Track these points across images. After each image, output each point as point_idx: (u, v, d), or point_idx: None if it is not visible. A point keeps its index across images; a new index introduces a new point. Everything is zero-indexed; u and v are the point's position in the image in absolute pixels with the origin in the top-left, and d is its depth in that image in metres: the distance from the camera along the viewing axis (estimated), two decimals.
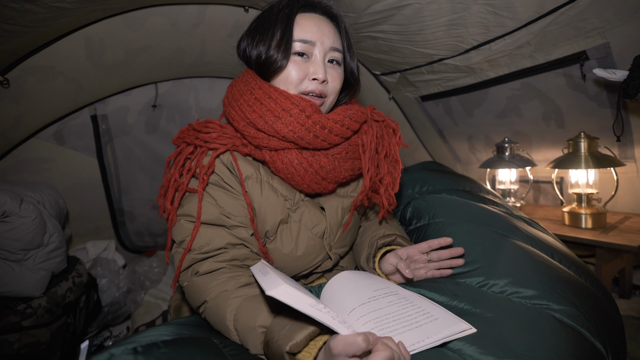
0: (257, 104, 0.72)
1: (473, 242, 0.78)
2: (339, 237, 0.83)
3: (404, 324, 0.57)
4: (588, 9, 1.05)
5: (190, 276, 0.70)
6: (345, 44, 0.80)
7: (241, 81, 0.78)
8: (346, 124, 0.75)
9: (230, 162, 0.74)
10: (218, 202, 0.72)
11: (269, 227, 0.75)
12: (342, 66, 0.80)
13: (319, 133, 0.72)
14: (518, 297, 0.65)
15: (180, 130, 0.80)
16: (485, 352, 0.53)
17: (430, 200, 0.98)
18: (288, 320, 0.54)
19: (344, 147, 0.77)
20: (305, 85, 0.74)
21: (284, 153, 0.73)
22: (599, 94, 1.31)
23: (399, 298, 0.64)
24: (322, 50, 0.75)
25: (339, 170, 0.77)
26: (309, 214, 0.79)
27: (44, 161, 1.69)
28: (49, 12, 1.05)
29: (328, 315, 0.49)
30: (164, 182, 0.76)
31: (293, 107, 0.71)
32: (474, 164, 2.04)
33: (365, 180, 0.78)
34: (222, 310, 0.63)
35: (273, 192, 0.76)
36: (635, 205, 1.52)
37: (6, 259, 1.22)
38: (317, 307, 0.49)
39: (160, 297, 1.74)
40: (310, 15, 0.76)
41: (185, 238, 0.71)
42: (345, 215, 0.83)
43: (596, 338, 0.59)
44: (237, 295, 0.64)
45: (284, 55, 0.72)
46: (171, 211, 0.73)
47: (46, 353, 1.21)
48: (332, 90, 0.77)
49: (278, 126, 0.70)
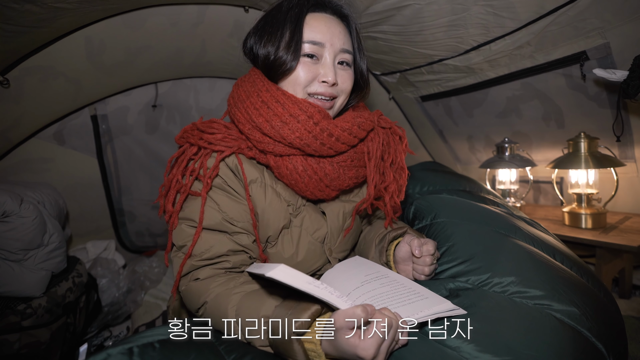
0: (264, 108, 0.70)
1: (475, 241, 0.78)
2: (340, 242, 0.82)
3: (396, 301, 0.60)
4: (588, 9, 1.05)
5: (189, 281, 0.69)
6: (356, 44, 0.79)
7: (247, 81, 0.76)
8: (354, 132, 0.73)
9: (236, 165, 0.72)
10: (221, 208, 0.70)
11: (271, 232, 0.74)
12: (352, 67, 0.78)
13: (325, 141, 0.70)
14: (519, 297, 0.65)
15: (184, 129, 0.78)
16: (484, 350, 0.54)
17: (431, 200, 0.98)
18: (291, 304, 0.55)
19: (350, 154, 0.76)
20: (314, 87, 0.73)
21: (289, 159, 0.72)
22: (599, 94, 1.31)
23: (389, 281, 0.67)
24: (332, 52, 0.73)
25: (343, 178, 0.76)
26: (310, 219, 0.78)
27: (44, 161, 1.69)
28: (49, 12, 1.05)
29: (326, 291, 0.51)
30: (165, 182, 0.75)
31: (301, 114, 0.69)
32: (474, 164, 2.04)
33: (369, 189, 0.78)
34: (224, 307, 0.62)
35: (277, 196, 0.75)
36: (635, 205, 1.52)
37: (6, 259, 1.22)
38: (314, 284, 0.51)
39: (160, 297, 1.74)
40: (320, 16, 0.75)
41: (185, 243, 0.69)
42: (347, 219, 0.82)
43: (597, 338, 0.59)
44: (237, 292, 0.63)
45: (293, 57, 0.71)
46: (172, 214, 0.72)
47: (46, 353, 1.21)
48: (342, 91, 0.76)
49: (285, 132, 0.69)
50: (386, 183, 0.80)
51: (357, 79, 0.81)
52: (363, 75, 0.82)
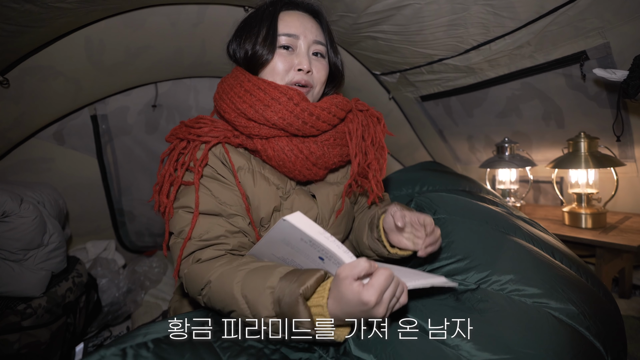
0: (247, 95, 0.76)
1: (474, 239, 0.78)
2: (332, 224, 0.84)
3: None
4: (588, 9, 1.05)
5: (191, 263, 0.70)
6: (328, 38, 0.85)
7: (231, 77, 0.82)
8: (332, 111, 0.78)
9: (223, 154, 0.76)
10: (213, 193, 0.74)
11: (263, 214, 0.77)
12: (326, 59, 0.84)
13: (307, 119, 0.75)
14: (518, 295, 0.65)
15: (173, 129, 0.83)
16: (482, 349, 0.54)
17: (432, 197, 0.98)
18: (296, 273, 0.57)
19: (332, 134, 0.80)
20: (291, 76, 0.78)
21: (275, 141, 0.76)
22: (599, 94, 1.31)
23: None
24: (305, 43, 0.79)
25: (329, 155, 0.79)
26: (300, 202, 0.81)
27: (44, 161, 1.69)
28: (49, 12, 1.05)
29: (335, 244, 0.54)
30: (158, 179, 0.78)
31: (281, 96, 0.74)
32: (474, 164, 2.04)
33: (353, 165, 0.82)
34: (229, 283, 0.62)
35: (265, 181, 0.78)
36: (635, 205, 1.52)
37: (6, 259, 1.22)
38: (324, 235, 0.54)
39: (160, 297, 1.74)
40: (293, 13, 0.81)
41: (184, 228, 0.72)
42: (337, 202, 0.85)
43: (595, 337, 0.59)
44: (242, 269, 0.64)
45: (269, 50, 0.77)
46: (167, 204, 0.75)
47: (46, 353, 1.21)
48: (317, 80, 0.81)
49: (268, 114, 0.73)
50: (369, 161, 0.84)
51: (332, 70, 0.86)
52: (337, 67, 0.87)
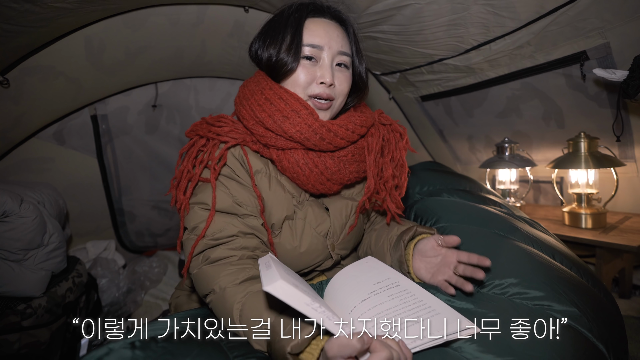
0: (267, 104, 0.74)
1: (474, 244, 0.78)
2: (343, 239, 0.83)
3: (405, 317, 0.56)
4: (588, 9, 1.05)
5: (200, 263, 0.71)
6: (354, 48, 0.82)
7: (253, 81, 0.80)
8: (351, 128, 0.76)
9: (241, 155, 0.76)
10: (231, 191, 0.74)
11: (274, 220, 0.76)
12: (350, 69, 0.81)
13: (325, 135, 0.73)
14: (520, 298, 0.65)
15: (194, 124, 0.82)
16: (486, 351, 0.54)
17: (431, 204, 0.99)
18: (290, 320, 0.53)
19: (350, 149, 0.79)
20: (313, 88, 0.76)
21: (291, 153, 0.76)
22: (599, 94, 1.31)
23: (399, 291, 0.64)
24: (330, 55, 0.77)
25: (344, 172, 0.78)
26: (314, 213, 0.80)
27: (44, 161, 1.69)
28: (49, 12, 1.05)
29: (323, 315, 0.49)
30: (176, 173, 0.78)
31: (302, 109, 0.73)
32: (474, 164, 2.03)
33: (369, 182, 0.79)
34: (230, 304, 0.63)
35: (281, 187, 0.78)
36: (635, 205, 1.52)
37: (6, 259, 1.22)
38: (312, 306, 0.49)
39: (160, 297, 1.74)
40: (319, 20, 0.78)
41: (198, 224, 0.72)
42: (350, 217, 0.84)
43: (598, 339, 0.59)
44: (244, 289, 0.64)
45: (293, 59, 0.75)
46: (184, 201, 0.75)
47: (46, 353, 1.21)
48: (339, 93, 0.79)
49: (286, 126, 0.72)
50: (385, 178, 0.81)
51: (355, 80, 0.84)
52: (362, 77, 0.85)
